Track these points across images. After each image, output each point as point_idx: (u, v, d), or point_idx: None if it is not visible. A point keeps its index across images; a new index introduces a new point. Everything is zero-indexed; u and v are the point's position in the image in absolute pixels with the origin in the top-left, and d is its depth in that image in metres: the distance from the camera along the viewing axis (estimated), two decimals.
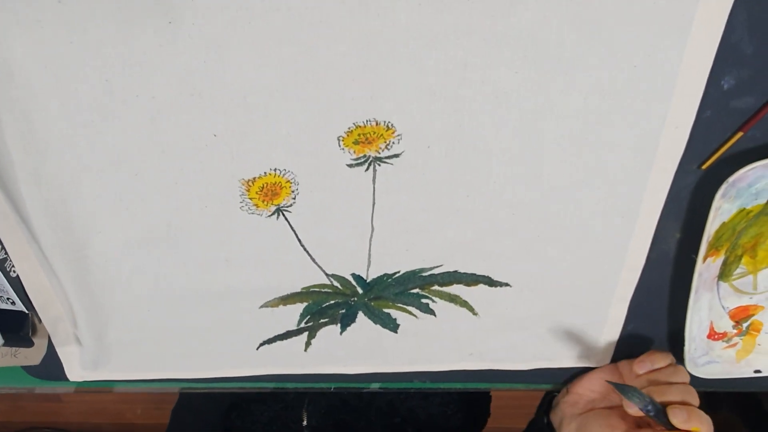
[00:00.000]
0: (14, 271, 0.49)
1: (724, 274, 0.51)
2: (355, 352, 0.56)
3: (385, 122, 0.41)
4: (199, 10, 0.36)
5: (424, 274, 0.50)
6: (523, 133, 0.42)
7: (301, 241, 0.48)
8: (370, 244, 0.48)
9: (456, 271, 0.50)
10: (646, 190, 0.45)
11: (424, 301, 0.52)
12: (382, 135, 0.42)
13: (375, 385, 0.61)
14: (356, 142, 0.42)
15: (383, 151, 0.43)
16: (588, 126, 0.41)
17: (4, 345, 0.52)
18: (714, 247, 0.48)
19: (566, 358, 0.57)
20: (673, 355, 0.52)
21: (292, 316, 0.53)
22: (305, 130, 0.41)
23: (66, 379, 0.58)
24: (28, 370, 0.59)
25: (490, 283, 0.51)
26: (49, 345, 0.56)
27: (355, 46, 0.38)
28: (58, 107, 0.39)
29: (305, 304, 0.52)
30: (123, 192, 0.44)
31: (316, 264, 0.49)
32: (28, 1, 0.35)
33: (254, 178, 0.44)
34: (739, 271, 0.51)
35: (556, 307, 0.53)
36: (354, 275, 0.50)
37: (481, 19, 0.37)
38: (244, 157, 0.42)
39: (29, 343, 0.55)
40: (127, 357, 0.56)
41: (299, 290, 0.51)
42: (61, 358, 0.56)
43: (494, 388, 0.62)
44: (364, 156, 0.43)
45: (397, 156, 0.43)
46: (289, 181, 0.44)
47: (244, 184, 0.44)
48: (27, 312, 0.52)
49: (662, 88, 0.40)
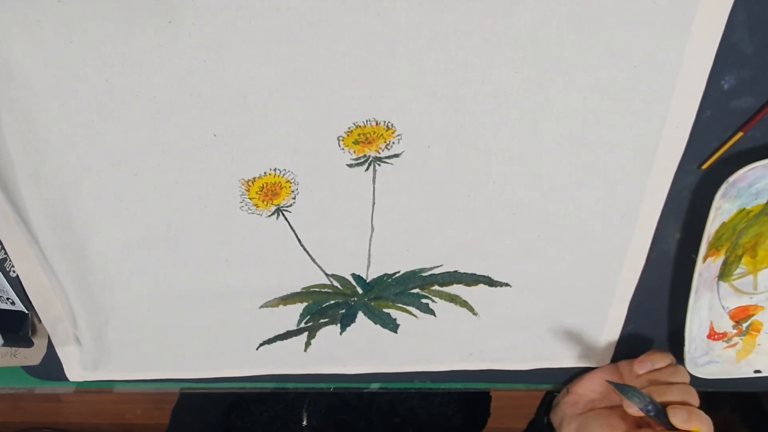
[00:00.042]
0: (14, 271, 0.49)
1: (724, 274, 0.51)
2: (355, 352, 0.56)
3: (385, 122, 0.41)
4: (199, 9, 0.36)
5: (424, 274, 0.50)
6: (523, 132, 0.42)
7: (301, 241, 0.48)
8: (370, 244, 0.48)
9: (456, 271, 0.50)
10: (646, 190, 0.45)
11: (424, 301, 0.52)
12: (382, 135, 0.42)
13: (375, 385, 0.61)
14: (356, 142, 0.42)
15: (383, 151, 0.43)
16: (588, 126, 0.41)
17: (4, 345, 0.52)
18: (714, 247, 0.48)
19: (566, 358, 0.57)
20: (673, 355, 0.52)
21: (292, 316, 0.53)
22: (305, 130, 0.41)
23: (66, 379, 0.58)
24: (28, 370, 0.59)
25: (490, 283, 0.51)
26: (49, 345, 0.55)
27: (355, 46, 0.38)
28: (58, 107, 0.39)
29: (305, 304, 0.52)
30: (123, 192, 0.44)
31: (316, 264, 0.49)
32: (28, 1, 0.35)
33: (254, 178, 0.44)
34: (739, 271, 0.51)
35: (556, 307, 0.53)
36: (354, 275, 0.50)
37: (481, 19, 0.37)
38: (244, 157, 0.42)
39: (29, 343, 0.55)
40: (127, 357, 0.56)
41: (299, 290, 0.51)
42: (61, 358, 0.56)
43: (494, 388, 0.62)
44: (364, 156, 0.43)
45: (397, 156, 0.43)
46: (289, 181, 0.44)
47: (244, 184, 0.44)
48: (27, 312, 0.52)
49: (662, 88, 0.40)
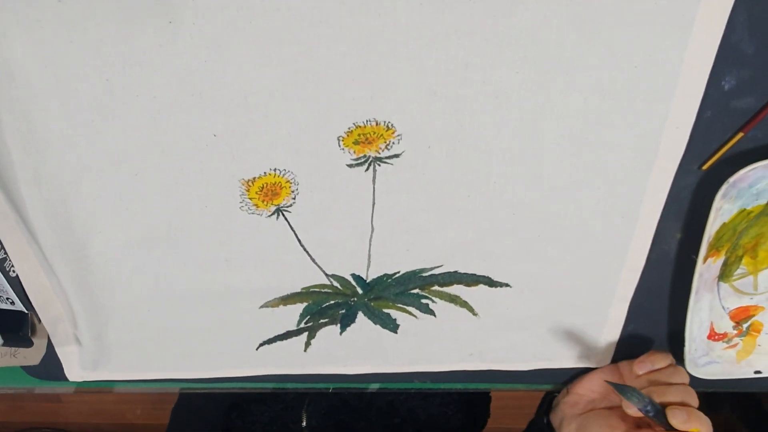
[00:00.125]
0: (14, 271, 0.49)
1: (725, 274, 0.51)
2: (355, 352, 0.56)
3: (385, 122, 0.41)
4: (199, 10, 0.36)
5: (424, 275, 0.50)
6: (524, 133, 0.42)
7: (301, 241, 0.48)
8: (370, 244, 0.48)
9: (456, 272, 0.50)
10: (647, 191, 0.45)
11: (424, 301, 0.52)
12: (382, 135, 0.42)
13: (375, 386, 0.61)
14: (356, 142, 0.42)
15: (383, 151, 0.43)
16: (588, 126, 0.41)
17: (4, 345, 0.52)
18: (714, 248, 0.48)
19: (566, 358, 0.57)
20: (674, 355, 0.52)
21: (292, 316, 0.53)
22: (305, 130, 0.41)
23: (66, 379, 0.58)
24: (28, 370, 0.59)
25: (490, 283, 0.51)
26: (49, 345, 0.55)
27: (356, 46, 0.38)
28: (59, 107, 0.39)
29: (305, 304, 0.52)
30: (123, 192, 0.44)
31: (316, 264, 0.49)
32: (28, 1, 0.35)
33: (254, 178, 0.44)
34: (739, 271, 0.51)
35: (556, 308, 0.53)
36: (354, 275, 0.50)
37: (482, 19, 0.37)
38: (244, 157, 0.42)
39: (29, 343, 0.55)
40: (126, 357, 0.56)
41: (299, 290, 0.51)
42: (61, 358, 0.56)
43: (494, 389, 0.62)
44: (364, 156, 0.43)
45: (397, 156, 0.43)
46: (289, 181, 0.44)
47: (244, 184, 0.44)
48: (26, 312, 0.52)
49: (663, 88, 0.40)
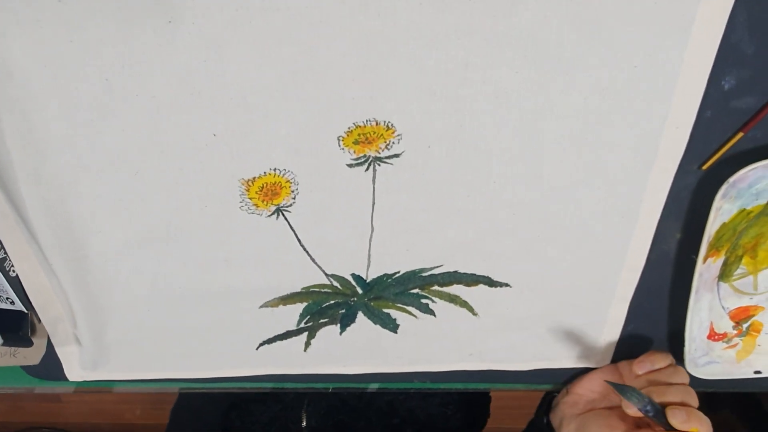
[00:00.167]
0: (14, 271, 0.49)
1: (725, 274, 0.51)
2: (355, 352, 0.56)
3: (385, 122, 0.41)
4: (198, 9, 0.36)
5: (424, 275, 0.50)
6: (524, 133, 0.42)
7: (300, 241, 0.47)
8: (370, 244, 0.48)
9: (456, 272, 0.50)
10: (647, 191, 0.45)
11: (424, 301, 0.52)
12: (382, 135, 0.42)
13: (374, 386, 0.61)
14: (356, 142, 0.42)
15: (383, 151, 0.43)
16: (588, 126, 0.41)
17: (4, 345, 0.52)
18: (714, 248, 0.48)
19: (566, 358, 0.57)
20: (673, 355, 0.52)
21: (291, 316, 0.53)
22: (305, 130, 0.41)
23: (65, 379, 0.58)
24: (28, 370, 0.59)
25: (490, 283, 0.51)
26: (49, 345, 0.55)
27: (355, 46, 0.37)
28: (58, 107, 0.39)
29: (305, 304, 0.52)
30: (123, 192, 0.44)
31: (316, 264, 0.49)
32: (27, 1, 0.35)
33: (254, 178, 0.44)
34: (739, 271, 0.51)
35: (556, 307, 0.53)
36: (354, 275, 0.50)
37: (482, 19, 0.36)
38: (244, 156, 0.42)
39: (28, 343, 0.55)
40: (126, 357, 0.56)
41: (299, 290, 0.51)
42: (61, 358, 0.56)
43: (494, 389, 0.62)
44: (364, 156, 0.43)
45: (397, 156, 0.43)
46: (288, 181, 0.44)
47: (243, 184, 0.44)
48: (26, 312, 0.52)
49: (663, 88, 0.40)
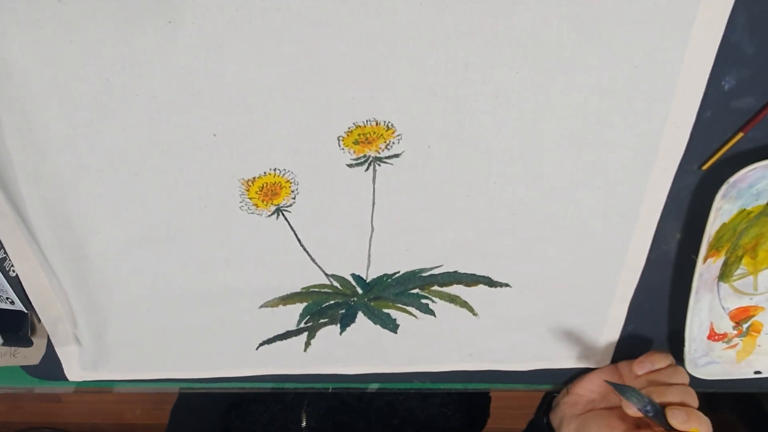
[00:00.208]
0: (14, 271, 0.49)
1: (725, 274, 0.51)
2: (355, 352, 0.56)
3: (385, 122, 0.41)
4: (198, 9, 0.36)
5: (424, 275, 0.50)
6: (524, 133, 0.42)
7: (300, 241, 0.47)
8: (370, 244, 0.48)
9: (456, 272, 0.50)
10: (647, 191, 0.45)
11: (424, 301, 0.52)
12: (382, 135, 0.42)
13: (374, 386, 0.61)
14: (356, 142, 0.42)
15: (383, 151, 0.43)
16: (588, 126, 0.41)
17: (4, 344, 0.52)
18: (714, 248, 0.48)
19: (566, 358, 0.57)
20: (673, 355, 0.52)
21: (291, 316, 0.53)
22: (305, 130, 0.41)
23: (65, 379, 0.58)
24: (28, 369, 0.59)
25: (490, 283, 0.51)
26: (49, 345, 0.55)
27: (355, 46, 0.37)
28: (58, 106, 0.39)
29: (305, 304, 0.52)
30: (123, 192, 0.44)
31: (316, 264, 0.49)
32: (27, 1, 0.35)
33: (254, 178, 0.44)
34: (739, 271, 0.51)
35: (556, 308, 0.53)
36: (354, 275, 0.50)
37: (482, 19, 0.36)
38: (244, 157, 0.42)
39: (28, 343, 0.55)
40: (126, 357, 0.56)
41: (299, 290, 0.51)
42: (61, 358, 0.56)
43: (494, 389, 0.62)
44: (364, 156, 0.43)
45: (397, 156, 0.43)
46: (288, 181, 0.44)
47: (243, 184, 0.44)
48: (26, 312, 0.52)
49: (663, 88, 0.40)
